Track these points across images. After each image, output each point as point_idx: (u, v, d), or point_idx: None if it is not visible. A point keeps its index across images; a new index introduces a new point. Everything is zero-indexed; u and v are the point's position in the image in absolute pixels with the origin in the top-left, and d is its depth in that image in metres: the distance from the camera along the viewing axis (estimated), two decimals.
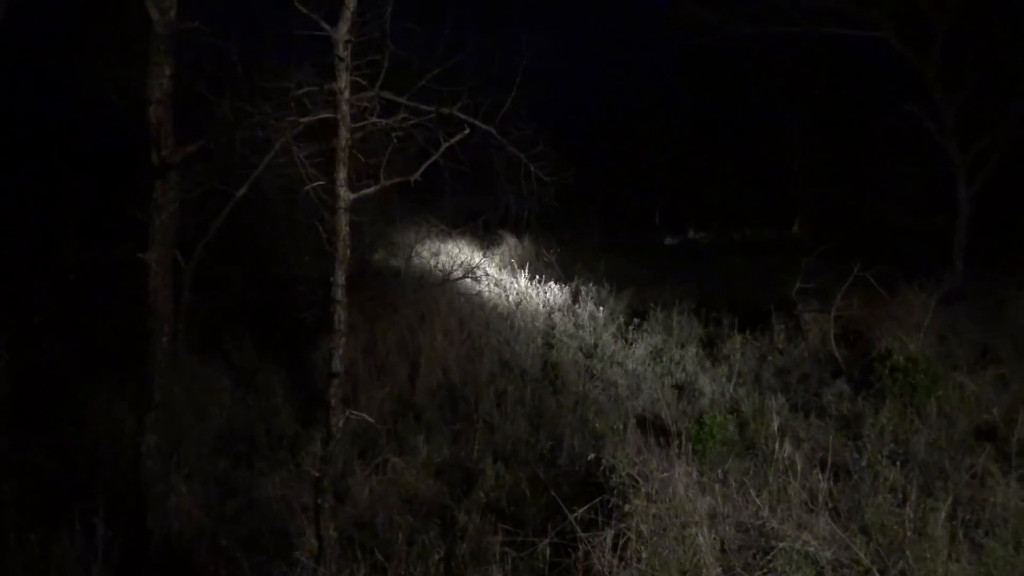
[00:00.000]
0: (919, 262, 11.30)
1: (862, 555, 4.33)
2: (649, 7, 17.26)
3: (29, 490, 5.64)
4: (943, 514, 4.71)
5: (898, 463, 5.62)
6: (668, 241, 20.97)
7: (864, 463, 5.69)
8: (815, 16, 12.85)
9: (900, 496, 5.08)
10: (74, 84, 10.16)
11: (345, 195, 4.26)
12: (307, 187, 4.59)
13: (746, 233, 21.08)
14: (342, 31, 4.10)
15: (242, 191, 8.14)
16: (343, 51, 4.12)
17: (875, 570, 4.26)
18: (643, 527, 4.57)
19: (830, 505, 5.04)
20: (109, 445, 6.69)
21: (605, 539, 4.49)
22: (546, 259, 13.68)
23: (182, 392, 7.42)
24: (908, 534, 4.54)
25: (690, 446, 5.98)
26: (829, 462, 5.49)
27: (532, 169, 7.20)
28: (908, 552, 4.32)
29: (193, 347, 8.49)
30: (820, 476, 5.29)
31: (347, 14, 4.10)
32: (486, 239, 15.75)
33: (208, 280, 8.84)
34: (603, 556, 4.41)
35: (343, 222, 4.31)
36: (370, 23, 4.79)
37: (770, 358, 9.04)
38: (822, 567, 4.34)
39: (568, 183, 7.90)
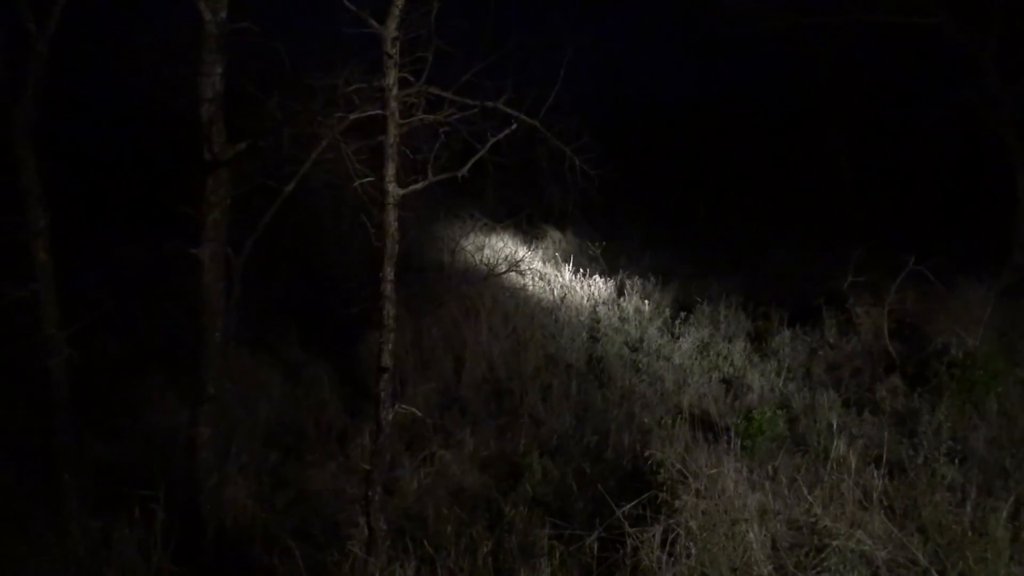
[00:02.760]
0: (974, 255, 10.97)
1: (919, 555, 4.23)
2: None
3: (89, 481, 5.81)
4: (1005, 514, 4.58)
5: (956, 461, 5.48)
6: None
7: (920, 460, 5.55)
8: (864, 3, 12.49)
9: (959, 495, 4.95)
10: (125, 81, 10.39)
11: (394, 191, 4.29)
12: (356, 183, 4.62)
13: (793, 225, 20.61)
14: (391, 28, 4.12)
15: (290, 187, 8.23)
16: (391, 48, 4.14)
17: (933, 571, 4.16)
18: (692, 523, 4.54)
19: (885, 503, 4.94)
20: (163, 437, 6.85)
21: (654, 535, 4.47)
22: (590, 253, 13.59)
23: (232, 385, 7.56)
24: (968, 534, 4.43)
25: (739, 442, 5.91)
26: (884, 459, 5.37)
27: (576, 162, 7.16)
28: (968, 553, 4.21)
29: (242, 341, 8.64)
30: (875, 473, 5.19)
31: (395, 12, 4.12)
32: (529, 233, 15.71)
33: (256, 275, 8.98)
34: (652, 552, 4.39)
35: (392, 218, 4.34)
36: (416, 20, 4.80)
37: (821, 353, 8.87)
38: (877, 567, 4.25)
39: (612, 176, 7.83)
